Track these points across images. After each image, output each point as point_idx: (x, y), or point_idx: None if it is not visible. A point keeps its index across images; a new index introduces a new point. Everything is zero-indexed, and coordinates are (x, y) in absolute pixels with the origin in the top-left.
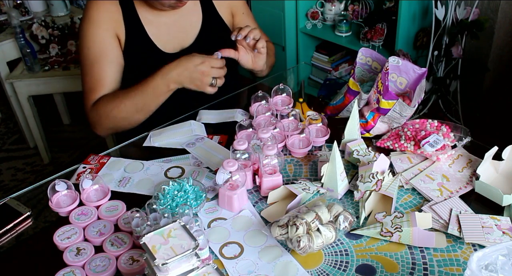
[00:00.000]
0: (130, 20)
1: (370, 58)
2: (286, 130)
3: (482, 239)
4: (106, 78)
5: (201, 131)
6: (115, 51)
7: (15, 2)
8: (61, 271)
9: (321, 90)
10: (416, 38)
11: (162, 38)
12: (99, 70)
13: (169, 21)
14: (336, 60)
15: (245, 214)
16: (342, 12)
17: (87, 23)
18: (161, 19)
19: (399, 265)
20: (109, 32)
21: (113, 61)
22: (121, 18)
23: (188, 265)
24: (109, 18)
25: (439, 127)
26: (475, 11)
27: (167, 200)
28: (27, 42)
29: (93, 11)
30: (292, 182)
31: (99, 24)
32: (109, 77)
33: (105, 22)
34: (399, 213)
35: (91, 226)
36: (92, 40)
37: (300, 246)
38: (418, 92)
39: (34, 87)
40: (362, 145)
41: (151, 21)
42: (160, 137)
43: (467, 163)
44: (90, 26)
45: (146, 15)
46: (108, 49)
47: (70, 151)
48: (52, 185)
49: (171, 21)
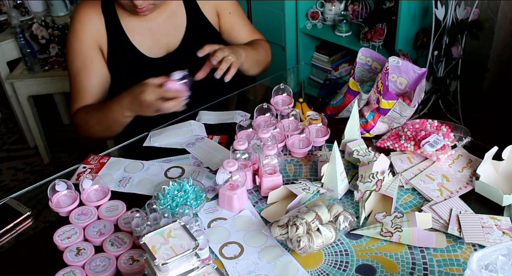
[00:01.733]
0: (113, 29)
1: (370, 58)
2: (286, 130)
3: (482, 239)
4: (86, 89)
5: (201, 131)
6: (97, 63)
7: (15, 2)
8: (61, 271)
9: (321, 90)
10: (416, 38)
11: (146, 43)
12: (80, 82)
13: (152, 25)
14: (336, 60)
15: (245, 214)
16: (342, 12)
17: (71, 36)
18: (144, 24)
19: (399, 265)
20: (91, 44)
21: (94, 73)
22: (104, 29)
23: (188, 265)
24: (91, 29)
25: (439, 127)
26: (475, 11)
27: (167, 200)
28: (27, 42)
29: (76, 23)
30: (292, 182)
31: (81, 37)
32: (89, 89)
33: (87, 34)
34: (399, 213)
35: (91, 226)
36: (74, 53)
37: (300, 246)
38: (418, 92)
39: (34, 87)
40: (362, 145)
41: (133, 27)
42: (160, 137)
43: (467, 163)
44: (73, 39)
45: (128, 22)
46: (89, 61)
47: (70, 151)
48: (52, 185)
49: (154, 26)
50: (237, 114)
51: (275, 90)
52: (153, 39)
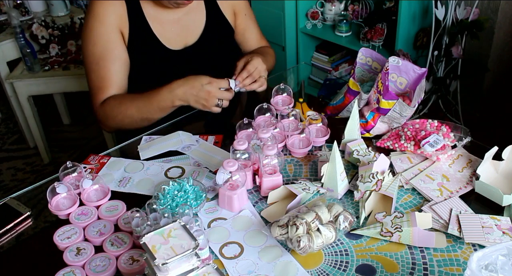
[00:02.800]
0: (135, 16)
1: (370, 58)
2: (286, 130)
3: (482, 239)
4: (112, 76)
5: (190, 140)
6: (120, 47)
7: (15, 2)
8: (61, 271)
9: (321, 90)
10: (416, 38)
11: (166, 34)
12: (105, 68)
13: (173, 18)
14: (336, 60)
15: (245, 214)
16: (342, 12)
17: (92, 20)
18: (165, 16)
19: (399, 265)
20: (113, 28)
21: (119, 57)
22: (126, 14)
23: (188, 265)
24: (114, 14)
25: (439, 127)
26: (475, 11)
27: (167, 200)
28: (27, 42)
29: (98, 7)
30: (292, 182)
31: (104, 20)
32: (116, 75)
33: (110, 18)
34: (399, 213)
35: (91, 226)
36: (98, 36)
37: (300, 246)
38: (418, 92)
39: (34, 87)
40: (362, 145)
41: (155, 17)
42: (149, 150)
43: (467, 163)
44: (95, 22)
45: (150, 12)
46: (113, 46)
47: (70, 151)
48: (52, 188)
49: (175, 19)
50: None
51: (275, 90)
52: (173, 31)
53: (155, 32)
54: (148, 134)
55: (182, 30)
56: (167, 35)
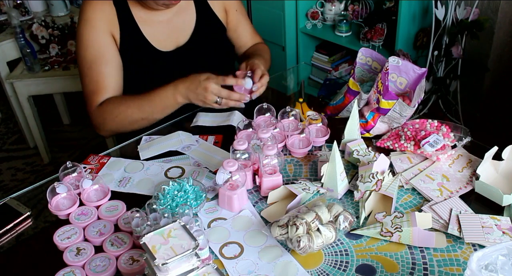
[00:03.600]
0: (125, 20)
1: (370, 58)
2: (286, 130)
3: (482, 239)
4: (106, 79)
5: (190, 140)
6: (112, 51)
7: (15, 2)
8: (61, 271)
9: (321, 90)
10: (416, 38)
11: (157, 36)
12: (98, 71)
13: (163, 19)
14: (336, 60)
15: (245, 214)
16: (342, 12)
17: (83, 24)
18: (155, 17)
19: (399, 265)
20: (105, 32)
21: (111, 61)
22: (116, 18)
23: (188, 265)
24: (104, 17)
25: (439, 127)
26: (475, 11)
27: (167, 200)
28: (27, 42)
29: (88, 11)
30: (292, 182)
31: (95, 25)
32: (109, 78)
33: (101, 22)
34: (399, 213)
35: (91, 226)
36: (89, 40)
37: (300, 246)
38: (418, 92)
39: (34, 87)
40: (362, 145)
41: (145, 20)
42: (149, 150)
43: (467, 163)
44: (86, 27)
45: (140, 14)
46: (106, 49)
47: (70, 151)
48: (52, 188)
49: (165, 20)
50: (235, 115)
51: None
52: (163, 32)
53: (145, 35)
54: (148, 134)
55: (172, 31)
56: (158, 37)
